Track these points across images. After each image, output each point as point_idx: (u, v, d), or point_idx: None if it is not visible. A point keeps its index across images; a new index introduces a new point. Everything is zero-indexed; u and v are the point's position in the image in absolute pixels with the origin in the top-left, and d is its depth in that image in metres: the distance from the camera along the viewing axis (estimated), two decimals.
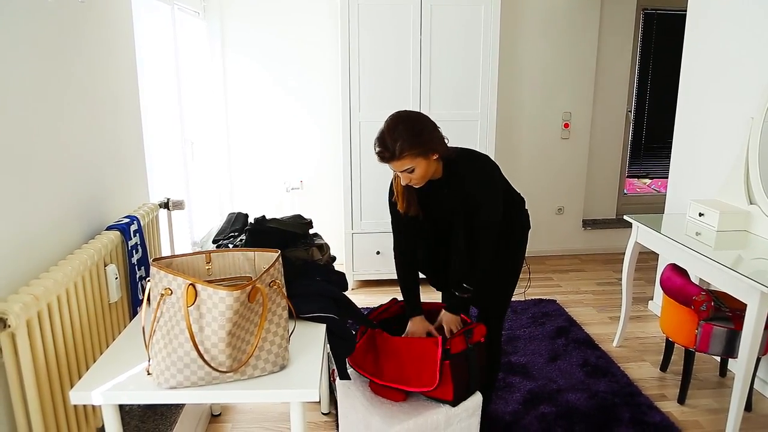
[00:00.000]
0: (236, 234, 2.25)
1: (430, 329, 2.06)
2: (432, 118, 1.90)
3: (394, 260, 2.15)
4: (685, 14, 3.30)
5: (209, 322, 1.32)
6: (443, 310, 2.07)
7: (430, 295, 2.29)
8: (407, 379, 1.89)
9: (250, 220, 2.30)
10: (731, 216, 2.68)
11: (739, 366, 2.19)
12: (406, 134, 1.79)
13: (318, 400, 1.56)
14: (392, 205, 2.06)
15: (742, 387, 2.19)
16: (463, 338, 1.90)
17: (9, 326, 1.35)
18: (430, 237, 2.13)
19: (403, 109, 1.91)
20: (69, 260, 1.67)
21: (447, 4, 3.60)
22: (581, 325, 3.37)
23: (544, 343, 3.15)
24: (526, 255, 2.23)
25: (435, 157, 1.86)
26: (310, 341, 1.62)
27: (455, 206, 1.98)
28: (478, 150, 2.05)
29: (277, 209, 4.25)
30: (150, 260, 2.23)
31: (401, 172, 1.86)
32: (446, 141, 1.92)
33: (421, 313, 2.10)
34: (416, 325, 2.07)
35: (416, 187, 1.94)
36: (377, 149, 1.83)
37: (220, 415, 2.53)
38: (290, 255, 2.01)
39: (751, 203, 2.69)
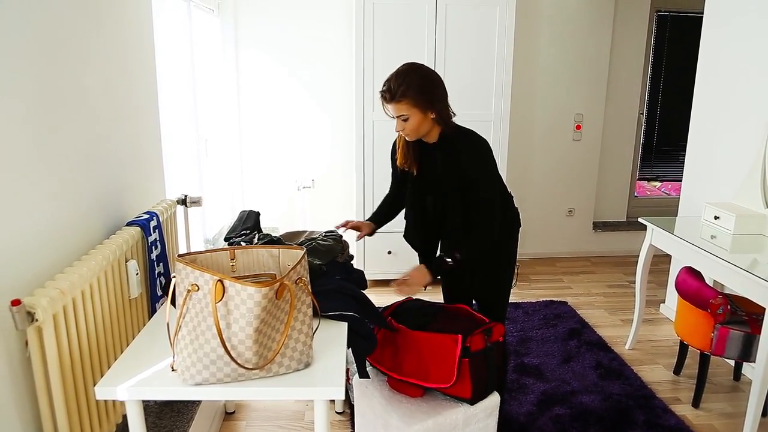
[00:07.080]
0: (248, 232, 2.24)
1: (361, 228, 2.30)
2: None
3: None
4: (699, 16, 3.29)
5: (237, 318, 1.31)
6: (419, 264, 2.10)
7: (434, 296, 2.33)
8: (425, 374, 1.89)
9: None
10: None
11: (757, 371, 2.18)
12: (413, 82, 1.93)
13: (343, 398, 1.57)
14: (393, 159, 2.24)
15: (759, 392, 2.18)
16: (483, 336, 1.90)
17: (36, 320, 1.35)
18: (419, 201, 2.20)
19: (421, 63, 2.01)
20: (92, 255, 1.67)
21: (462, 4, 3.59)
22: (593, 327, 3.37)
23: (556, 344, 3.14)
24: (520, 255, 2.27)
25: (432, 116, 1.97)
26: (332, 339, 1.62)
27: (448, 177, 2.05)
28: (478, 133, 2.10)
29: (288, 208, 4.25)
30: (169, 256, 2.24)
31: (396, 117, 1.97)
32: (452, 114, 2.04)
33: (374, 220, 2.34)
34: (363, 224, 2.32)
35: (408, 139, 2.06)
36: (383, 88, 1.98)
37: (234, 413, 2.53)
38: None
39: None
